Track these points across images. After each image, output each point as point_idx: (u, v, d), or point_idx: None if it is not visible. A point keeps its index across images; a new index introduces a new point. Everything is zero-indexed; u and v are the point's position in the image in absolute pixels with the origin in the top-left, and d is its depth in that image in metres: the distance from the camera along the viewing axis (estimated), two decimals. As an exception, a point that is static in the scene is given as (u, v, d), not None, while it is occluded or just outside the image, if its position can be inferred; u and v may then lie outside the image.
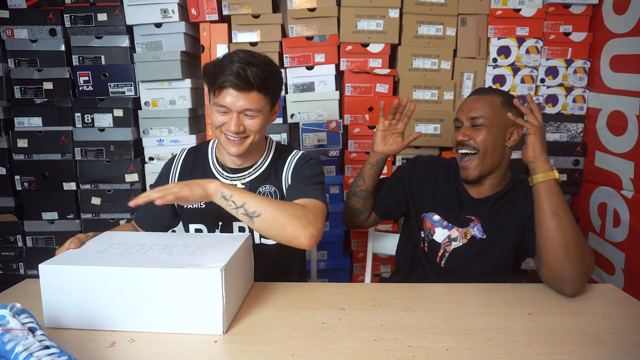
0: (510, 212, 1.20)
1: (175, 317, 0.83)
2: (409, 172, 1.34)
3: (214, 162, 1.25)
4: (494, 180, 1.22)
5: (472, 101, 1.20)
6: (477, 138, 1.16)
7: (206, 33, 1.91)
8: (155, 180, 1.32)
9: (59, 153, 1.98)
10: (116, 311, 0.84)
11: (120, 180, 1.97)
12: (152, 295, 0.82)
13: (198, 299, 0.82)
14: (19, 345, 0.63)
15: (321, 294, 1.04)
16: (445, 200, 1.27)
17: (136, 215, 1.32)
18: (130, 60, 1.94)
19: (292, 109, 1.95)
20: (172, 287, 0.82)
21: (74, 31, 1.93)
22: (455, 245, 1.23)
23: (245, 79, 1.06)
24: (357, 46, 1.91)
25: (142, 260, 0.86)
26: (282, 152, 1.27)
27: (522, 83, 1.94)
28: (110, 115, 1.94)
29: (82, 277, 0.84)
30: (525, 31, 1.91)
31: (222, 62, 1.08)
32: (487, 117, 1.16)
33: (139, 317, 0.84)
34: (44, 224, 2.02)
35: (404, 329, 0.85)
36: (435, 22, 1.90)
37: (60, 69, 1.94)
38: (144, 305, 0.83)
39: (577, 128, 1.97)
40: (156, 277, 0.82)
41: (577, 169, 1.99)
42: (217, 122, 1.12)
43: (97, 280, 0.83)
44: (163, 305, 0.83)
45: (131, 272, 0.82)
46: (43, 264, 0.85)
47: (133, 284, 0.82)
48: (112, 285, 0.83)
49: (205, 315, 0.82)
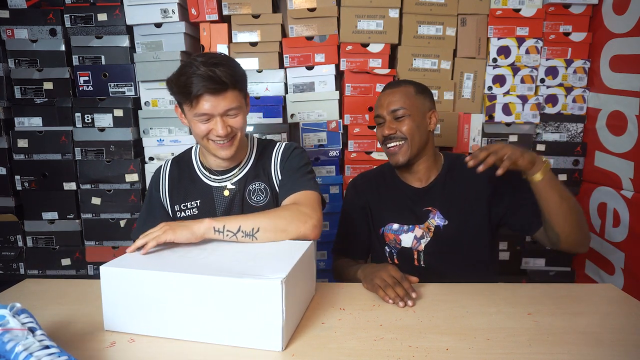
0: (462, 189, 1.26)
1: (232, 328, 0.79)
2: (357, 198, 1.37)
3: (200, 168, 1.26)
4: (427, 163, 1.29)
5: (388, 95, 1.26)
6: (403, 128, 1.24)
7: (206, 33, 1.91)
8: (147, 196, 1.31)
9: (59, 153, 1.97)
10: (172, 318, 0.81)
11: (121, 180, 1.97)
12: (210, 303, 0.78)
13: (256, 311, 0.77)
14: (19, 345, 0.63)
15: (321, 293, 1.04)
16: (396, 205, 1.31)
17: (134, 234, 1.28)
18: (131, 60, 1.94)
19: (292, 109, 1.95)
20: (229, 296, 0.77)
21: (74, 31, 1.93)
22: (425, 242, 1.26)
23: (218, 81, 1.06)
24: (357, 46, 1.91)
25: (200, 267, 0.83)
26: (264, 147, 1.28)
27: (522, 83, 1.94)
28: (111, 115, 1.94)
29: (140, 281, 0.81)
30: (525, 31, 1.91)
31: (187, 72, 1.06)
32: (407, 107, 1.24)
33: (196, 326, 0.80)
34: (44, 224, 2.02)
35: (403, 329, 0.85)
36: (435, 22, 1.90)
37: (60, 69, 1.94)
38: (201, 314, 0.79)
39: (576, 128, 1.97)
40: (214, 285, 0.78)
41: (577, 169, 1.99)
42: (202, 132, 1.11)
43: (154, 285, 0.81)
44: (220, 315, 0.78)
45: (188, 279, 0.79)
46: (104, 266, 0.83)
47: (190, 291, 0.79)
48: (168, 291, 0.80)
49: (263, 330, 0.77)
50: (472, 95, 1.96)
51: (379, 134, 1.29)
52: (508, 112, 1.95)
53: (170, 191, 1.25)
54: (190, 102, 1.08)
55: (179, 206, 1.24)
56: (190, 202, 1.23)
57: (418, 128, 1.25)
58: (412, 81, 1.31)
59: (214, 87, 1.06)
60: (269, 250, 0.92)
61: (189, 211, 1.23)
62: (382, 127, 1.27)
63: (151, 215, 1.27)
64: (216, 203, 1.22)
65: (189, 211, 1.23)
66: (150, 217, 1.27)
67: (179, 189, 1.25)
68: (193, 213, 1.23)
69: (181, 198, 1.24)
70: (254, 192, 1.22)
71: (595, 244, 1.89)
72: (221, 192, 1.23)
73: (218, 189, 1.23)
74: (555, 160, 1.98)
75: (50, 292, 1.07)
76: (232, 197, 1.22)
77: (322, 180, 1.97)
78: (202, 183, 1.24)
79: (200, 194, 1.23)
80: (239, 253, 0.91)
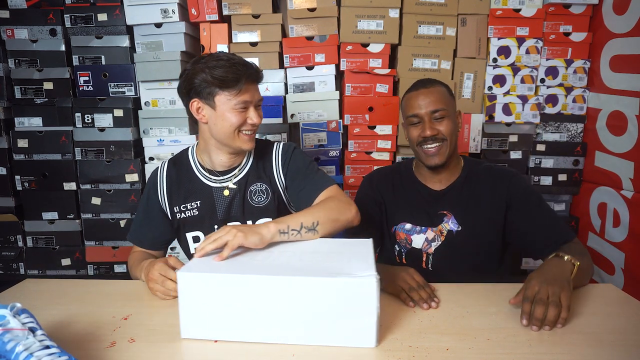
0: (479, 197, 1.23)
1: (322, 328, 0.78)
2: (373, 192, 1.33)
3: (199, 168, 1.25)
4: (451, 165, 1.26)
5: (426, 95, 1.21)
6: (443, 128, 1.20)
7: (206, 33, 1.91)
8: (143, 198, 1.29)
9: (59, 153, 1.97)
10: (257, 321, 0.79)
11: (121, 180, 1.97)
12: (298, 304, 0.77)
13: (350, 310, 0.76)
14: (20, 345, 0.63)
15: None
16: (411, 205, 1.28)
17: (131, 235, 1.29)
18: (131, 60, 1.94)
19: (292, 109, 1.95)
20: (321, 296, 0.76)
21: (74, 31, 1.93)
22: (435, 246, 1.24)
23: (258, 69, 1.14)
24: (357, 46, 1.91)
25: (281, 268, 0.82)
26: (262, 147, 1.28)
27: (522, 83, 1.94)
28: (111, 115, 1.94)
29: (222, 285, 0.79)
30: (525, 31, 1.91)
31: (228, 62, 1.09)
32: (446, 107, 1.21)
33: (283, 327, 0.79)
34: (44, 224, 2.02)
35: (403, 329, 0.85)
36: (435, 22, 1.90)
37: (60, 69, 1.94)
38: (289, 315, 0.78)
39: (577, 128, 1.97)
40: (305, 286, 0.77)
41: (577, 169, 1.99)
42: (238, 122, 1.13)
43: (238, 289, 0.78)
44: (309, 315, 0.77)
45: (277, 281, 0.77)
46: (180, 271, 0.80)
47: (277, 292, 0.77)
48: (253, 294, 0.78)
49: (357, 327, 0.76)
50: (472, 95, 1.96)
51: (413, 134, 1.23)
52: (508, 112, 1.95)
53: (169, 193, 1.24)
54: (235, 89, 1.09)
55: (178, 207, 1.23)
56: (190, 202, 1.22)
57: (454, 127, 1.23)
58: (440, 81, 1.27)
59: (255, 75, 1.13)
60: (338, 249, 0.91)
61: (189, 212, 1.23)
62: (417, 127, 1.22)
63: (148, 218, 1.27)
64: (216, 203, 1.22)
65: (189, 212, 1.23)
66: (147, 219, 1.27)
67: (178, 190, 1.24)
68: (193, 214, 1.22)
69: (181, 199, 1.23)
70: (255, 193, 1.22)
71: (595, 244, 1.89)
72: (221, 192, 1.23)
73: (218, 189, 1.23)
74: (555, 160, 1.98)
75: (51, 292, 1.07)
76: (232, 197, 1.22)
77: (322, 180, 1.96)
78: (202, 184, 1.24)
79: (200, 195, 1.23)
80: (304, 254, 0.89)
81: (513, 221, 1.19)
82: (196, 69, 1.10)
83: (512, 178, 1.22)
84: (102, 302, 1.00)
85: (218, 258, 0.88)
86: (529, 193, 1.20)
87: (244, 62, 1.11)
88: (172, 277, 0.98)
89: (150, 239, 1.28)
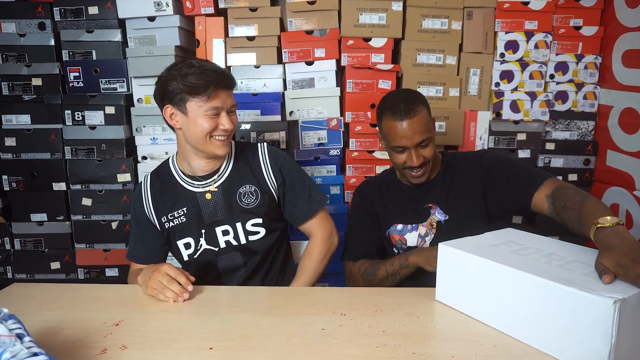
0: (458, 182, 1.33)
1: (548, 336, 0.79)
2: (363, 203, 1.42)
3: (181, 175, 1.31)
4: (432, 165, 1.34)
5: (411, 126, 1.24)
6: (427, 154, 1.27)
7: (201, 27, 1.91)
8: (132, 215, 1.36)
9: (48, 152, 1.97)
10: (496, 308, 0.87)
11: (112, 181, 1.97)
12: (531, 304, 0.81)
13: (581, 327, 0.74)
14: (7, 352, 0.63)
15: (321, 298, 1.04)
16: (399, 207, 1.37)
17: (129, 254, 1.36)
18: (123, 56, 1.94)
19: (291, 106, 1.95)
20: (553, 303, 0.77)
21: (63, 25, 1.93)
22: (430, 240, 1.32)
23: (229, 76, 1.21)
24: (359, 41, 1.91)
25: (530, 266, 0.84)
26: (244, 148, 1.35)
27: (530, 79, 1.94)
28: (102, 112, 1.94)
29: (473, 265, 0.91)
30: (534, 25, 1.90)
31: (199, 69, 1.15)
32: (430, 132, 1.28)
33: (515, 323, 0.84)
34: (33, 226, 2.02)
35: (407, 335, 0.85)
36: (440, 16, 1.90)
37: (49, 64, 1.94)
38: (521, 313, 0.83)
39: (587, 126, 1.97)
40: (537, 288, 0.79)
41: (587, 169, 1.99)
42: (209, 128, 1.18)
43: (484, 273, 0.89)
44: (538, 319, 0.80)
45: (516, 275, 0.83)
46: (442, 244, 0.97)
47: (516, 287, 0.83)
48: (496, 282, 0.86)
49: (585, 348, 0.73)
50: (478, 92, 1.96)
51: (398, 160, 1.29)
52: (516, 109, 1.95)
53: (155, 204, 1.30)
54: (205, 95, 1.15)
55: (166, 217, 1.29)
56: (177, 210, 1.28)
57: (435, 144, 1.31)
58: (416, 96, 1.29)
59: (226, 82, 1.18)
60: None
61: (177, 220, 1.28)
62: (402, 155, 1.28)
63: (141, 233, 1.33)
64: (202, 208, 1.28)
65: (177, 220, 1.28)
66: (141, 236, 1.34)
67: (163, 200, 1.30)
68: (181, 221, 1.28)
69: (167, 208, 1.29)
70: (245, 195, 1.28)
71: (607, 247, 1.89)
72: (204, 196, 1.28)
73: (202, 193, 1.28)
74: (565, 159, 1.98)
75: (39, 296, 1.07)
76: (216, 201, 1.27)
77: (323, 181, 1.97)
78: (186, 190, 1.29)
79: (185, 201, 1.28)
80: (578, 262, 0.87)
81: (490, 193, 1.28)
82: (169, 76, 1.18)
83: (482, 156, 1.33)
84: (92, 308, 1.00)
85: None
86: (498, 161, 1.30)
87: (214, 69, 1.18)
88: (182, 281, 1.03)
89: (146, 252, 1.33)
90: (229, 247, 1.29)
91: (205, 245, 1.29)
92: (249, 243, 1.29)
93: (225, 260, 1.30)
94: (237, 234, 1.28)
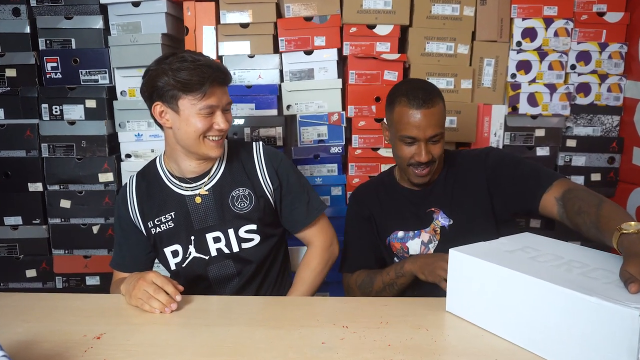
0: (462, 185, 1.32)
1: (568, 350, 0.78)
2: (360, 209, 1.42)
3: (169, 177, 1.31)
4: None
5: (428, 117, 1.24)
6: (436, 152, 1.27)
7: (191, 13, 1.91)
8: (115, 219, 1.36)
9: (24, 149, 1.98)
10: (512, 320, 0.87)
11: (93, 180, 1.97)
12: (550, 316, 0.80)
13: (604, 339, 0.74)
14: (-21, 367, 0.63)
15: (321, 309, 1.05)
16: (399, 211, 1.37)
17: (113, 262, 1.36)
18: (105, 44, 1.94)
19: (289, 100, 1.96)
20: (574, 315, 0.77)
21: (40, 11, 1.93)
22: (434, 247, 1.32)
23: (225, 71, 1.20)
24: (363, 28, 1.92)
25: (549, 274, 0.84)
26: (238, 147, 1.34)
27: (549, 70, 1.94)
28: (82, 106, 1.94)
29: (487, 273, 0.91)
30: (554, 11, 1.91)
31: (192, 64, 1.14)
32: (443, 128, 1.27)
33: (533, 336, 0.84)
34: (7, 230, 2.02)
35: (415, 350, 0.86)
36: (451, 1, 1.90)
37: (24, 53, 1.94)
38: (539, 325, 0.82)
39: (612, 121, 1.98)
40: (557, 298, 0.79)
41: (612, 168, 1.99)
42: (204, 127, 1.18)
43: (499, 281, 0.89)
44: (558, 332, 0.80)
45: (533, 284, 0.83)
46: (453, 250, 0.97)
47: (533, 297, 0.83)
48: (513, 291, 0.86)
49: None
50: (493, 84, 1.96)
51: (404, 153, 1.28)
52: (534, 103, 1.95)
53: (141, 208, 1.29)
54: (199, 93, 1.14)
55: (152, 222, 1.29)
56: (164, 215, 1.28)
57: (443, 145, 1.30)
58: (435, 88, 1.30)
59: (222, 78, 1.18)
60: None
61: (164, 225, 1.28)
62: (410, 148, 1.27)
63: (126, 239, 1.33)
64: (191, 212, 1.28)
65: (164, 225, 1.28)
66: (125, 242, 1.33)
67: (150, 204, 1.29)
68: (169, 226, 1.28)
69: (154, 213, 1.29)
70: (238, 199, 1.28)
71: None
72: (193, 200, 1.28)
73: (191, 197, 1.28)
74: (588, 157, 1.99)
75: (14, 307, 1.07)
76: (206, 205, 1.27)
77: (323, 181, 1.97)
78: (174, 193, 1.29)
79: (173, 205, 1.28)
80: (600, 270, 0.87)
81: (496, 193, 1.28)
82: (159, 71, 1.16)
83: (488, 153, 1.33)
84: (72, 319, 1.00)
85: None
86: (504, 159, 1.30)
87: (209, 64, 1.17)
88: (169, 290, 1.02)
89: (131, 260, 1.33)
90: (221, 255, 1.29)
91: (195, 253, 1.28)
92: (242, 251, 1.28)
93: (216, 269, 1.30)
94: (230, 241, 1.27)
